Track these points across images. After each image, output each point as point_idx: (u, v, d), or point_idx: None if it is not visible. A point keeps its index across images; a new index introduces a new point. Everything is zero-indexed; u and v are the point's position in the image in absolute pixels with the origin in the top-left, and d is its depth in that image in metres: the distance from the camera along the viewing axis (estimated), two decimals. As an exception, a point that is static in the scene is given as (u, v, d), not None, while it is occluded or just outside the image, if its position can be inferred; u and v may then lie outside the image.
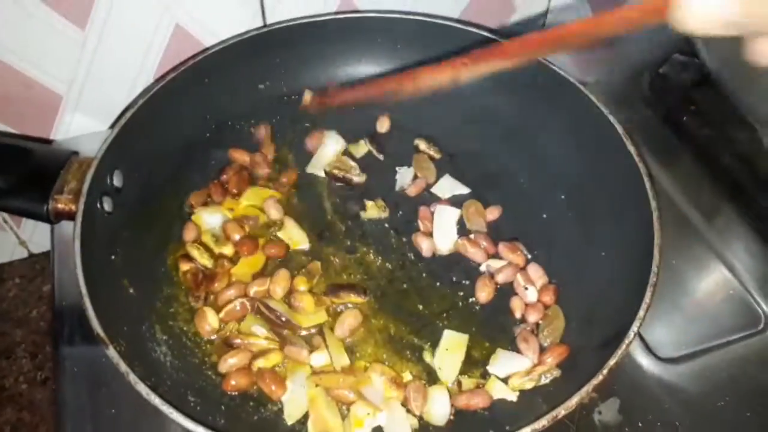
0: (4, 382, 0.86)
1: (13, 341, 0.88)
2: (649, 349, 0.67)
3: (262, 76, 0.74)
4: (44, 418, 0.86)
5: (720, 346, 0.67)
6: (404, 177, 0.73)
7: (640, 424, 0.62)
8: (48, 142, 0.80)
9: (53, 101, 0.77)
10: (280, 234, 0.66)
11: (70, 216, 0.59)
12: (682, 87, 0.89)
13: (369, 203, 0.70)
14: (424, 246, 0.66)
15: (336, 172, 0.72)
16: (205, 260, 0.62)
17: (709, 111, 0.87)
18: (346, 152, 0.74)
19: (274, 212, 0.67)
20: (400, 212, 0.70)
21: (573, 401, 0.47)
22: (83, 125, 0.81)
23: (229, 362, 0.56)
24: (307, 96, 0.74)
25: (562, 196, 0.69)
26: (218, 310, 0.59)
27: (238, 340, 0.58)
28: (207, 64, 0.69)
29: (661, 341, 0.67)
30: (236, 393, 0.56)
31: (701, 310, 0.71)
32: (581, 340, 0.59)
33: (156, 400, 0.46)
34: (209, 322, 0.58)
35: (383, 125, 0.76)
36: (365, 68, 0.77)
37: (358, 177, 0.71)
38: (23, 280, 0.93)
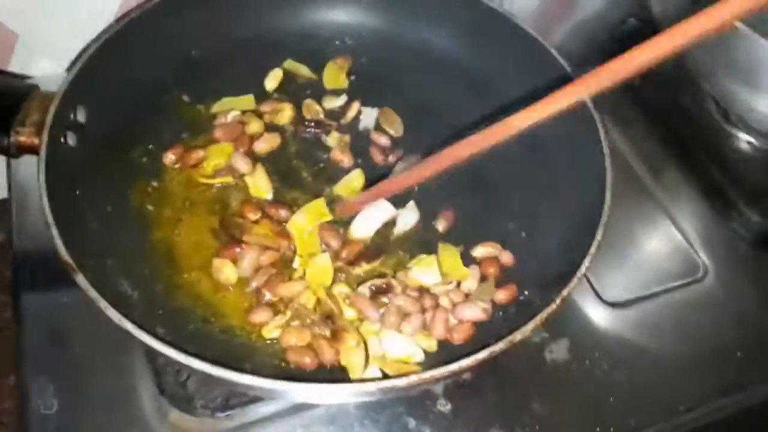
0: (-45, 333, 0.84)
1: (-37, 292, 0.87)
2: (597, 294, 0.71)
3: (231, 17, 0.74)
4: (1, 368, 0.84)
5: (663, 293, 0.72)
6: (368, 117, 0.74)
7: (587, 362, 0.66)
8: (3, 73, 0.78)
9: (8, 39, 0.75)
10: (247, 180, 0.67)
11: (32, 149, 0.58)
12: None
13: (333, 134, 0.71)
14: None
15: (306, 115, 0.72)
16: None
17: (660, 74, 0.91)
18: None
19: (243, 166, 0.67)
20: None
21: (529, 327, 0.50)
22: (40, 66, 0.79)
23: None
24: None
25: (519, 145, 0.71)
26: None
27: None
28: (171, 2, 0.68)
29: (608, 287, 0.71)
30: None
31: (646, 259, 0.75)
32: (535, 282, 0.62)
33: (128, 325, 0.46)
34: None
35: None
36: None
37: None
38: (-28, 228, 0.91)
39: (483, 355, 0.48)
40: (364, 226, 0.66)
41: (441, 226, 0.67)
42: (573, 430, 0.63)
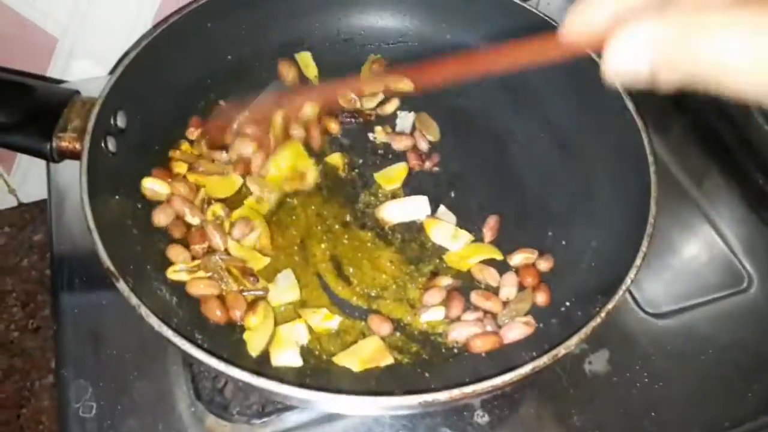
0: (-5, 329, 0.85)
1: (3, 290, 0.88)
2: (638, 304, 0.69)
3: (265, 23, 0.74)
4: (36, 365, 0.86)
5: (705, 303, 0.70)
6: (404, 121, 0.73)
7: (627, 374, 0.64)
8: (45, 80, 0.79)
9: (48, 43, 0.76)
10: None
11: (74, 155, 0.59)
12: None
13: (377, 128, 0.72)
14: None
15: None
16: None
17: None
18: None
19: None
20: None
21: (573, 341, 0.48)
22: (79, 70, 0.80)
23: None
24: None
25: (559, 152, 0.70)
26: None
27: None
28: (209, 8, 0.68)
29: (649, 297, 0.70)
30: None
31: (688, 269, 0.73)
32: (575, 292, 0.60)
33: (168, 332, 0.47)
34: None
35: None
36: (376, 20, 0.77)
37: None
38: (13, 229, 0.92)
39: (526, 369, 0.47)
40: (396, 212, 0.66)
41: (488, 235, 0.66)
42: (614, 445, 0.61)
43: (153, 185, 0.62)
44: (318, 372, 0.56)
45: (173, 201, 0.61)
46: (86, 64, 0.80)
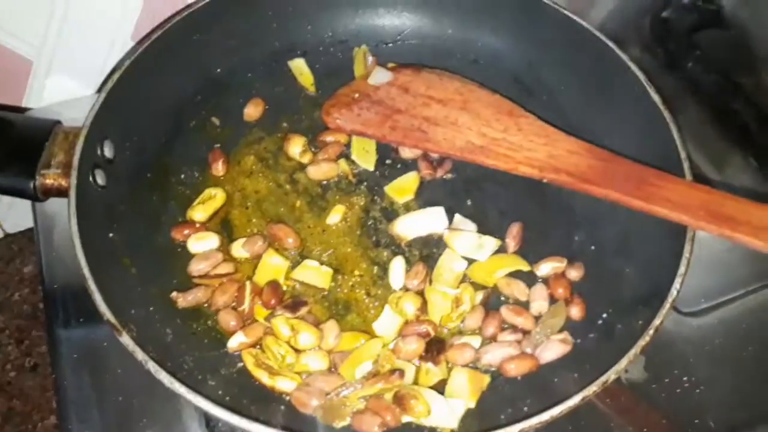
0: (-10, 370, 0.82)
1: (-5, 327, 0.84)
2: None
3: (253, 31, 0.69)
4: (37, 406, 0.82)
5: (740, 297, 0.66)
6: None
7: (666, 380, 0.61)
8: (21, 110, 0.74)
9: (23, 67, 0.71)
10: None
11: (60, 192, 0.54)
12: (686, 31, 0.86)
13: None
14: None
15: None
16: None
17: (715, 55, 0.85)
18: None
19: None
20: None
21: (623, 363, 0.45)
22: (57, 91, 0.75)
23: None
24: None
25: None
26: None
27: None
28: (193, 20, 0.63)
29: (682, 296, 0.65)
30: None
31: (718, 262, 0.69)
32: (610, 303, 0.56)
33: (181, 389, 0.42)
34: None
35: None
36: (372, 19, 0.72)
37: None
38: (1, 261, 0.88)
39: (575, 401, 0.43)
40: (412, 226, 0.62)
41: (511, 245, 0.61)
42: (659, 458, 0.58)
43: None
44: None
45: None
46: (64, 85, 0.75)
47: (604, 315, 0.56)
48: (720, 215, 0.50)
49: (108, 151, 0.57)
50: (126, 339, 0.44)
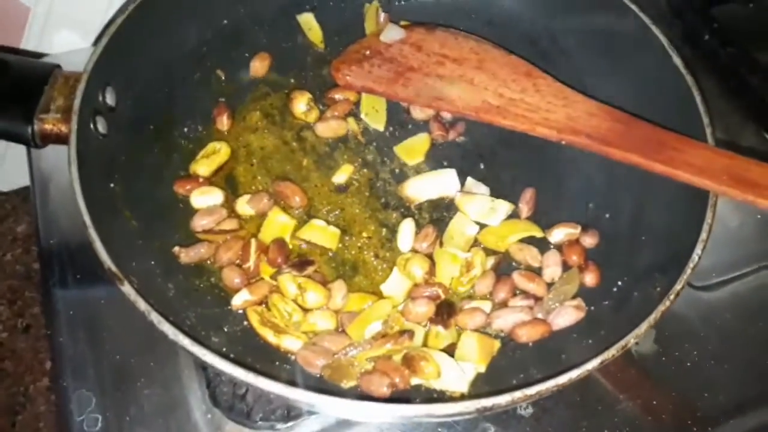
0: (-19, 332, 0.80)
1: (-13, 287, 0.82)
2: (682, 277, 0.64)
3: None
4: (29, 368, 0.81)
5: (751, 272, 0.65)
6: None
7: (677, 354, 0.60)
8: (19, 53, 0.72)
9: (20, 13, 0.68)
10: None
11: (59, 138, 0.51)
12: (703, 4, 0.85)
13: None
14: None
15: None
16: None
17: (731, 29, 0.83)
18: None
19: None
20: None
21: (642, 328, 0.43)
22: (56, 41, 0.72)
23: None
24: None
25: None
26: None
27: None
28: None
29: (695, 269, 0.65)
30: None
31: (731, 235, 0.69)
32: (628, 269, 0.55)
33: (185, 341, 0.41)
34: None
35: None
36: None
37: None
38: (-7, 220, 0.86)
39: (593, 364, 0.42)
40: (422, 189, 0.60)
41: (524, 210, 0.60)
42: (667, 431, 0.57)
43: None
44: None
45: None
46: (64, 35, 0.72)
47: (620, 282, 0.54)
48: (744, 180, 0.48)
49: (110, 99, 0.54)
50: (127, 288, 0.42)
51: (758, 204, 0.47)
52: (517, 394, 0.40)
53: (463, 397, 0.47)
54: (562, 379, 0.41)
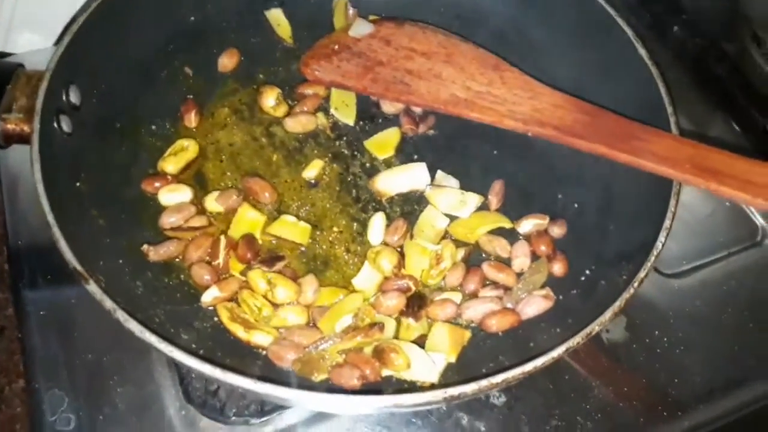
0: (-47, 334, 0.78)
1: (-43, 290, 0.80)
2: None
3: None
4: (4, 369, 0.79)
5: (720, 259, 0.67)
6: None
7: (647, 341, 0.61)
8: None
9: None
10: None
11: (22, 138, 0.51)
12: (671, -5, 0.86)
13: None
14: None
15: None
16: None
17: (700, 21, 0.85)
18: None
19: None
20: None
21: (607, 315, 0.44)
22: (20, 42, 0.71)
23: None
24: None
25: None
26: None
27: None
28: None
29: (663, 257, 0.63)
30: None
31: (701, 225, 0.70)
32: (593, 259, 0.56)
33: (152, 338, 0.41)
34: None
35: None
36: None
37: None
38: (-40, 221, 0.84)
39: (559, 351, 0.42)
40: (393, 182, 0.61)
41: (493, 202, 0.60)
42: (637, 417, 0.57)
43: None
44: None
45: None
46: (27, 36, 0.71)
47: (587, 271, 0.55)
48: (706, 168, 0.49)
49: (74, 97, 0.54)
50: (93, 287, 0.42)
51: (721, 192, 0.48)
52: (484, 383, 0.41)
53: (432, 387, 0.47)
54: (528, 366, 0.41)
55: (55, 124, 0.52)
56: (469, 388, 0.41)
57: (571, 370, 0.59)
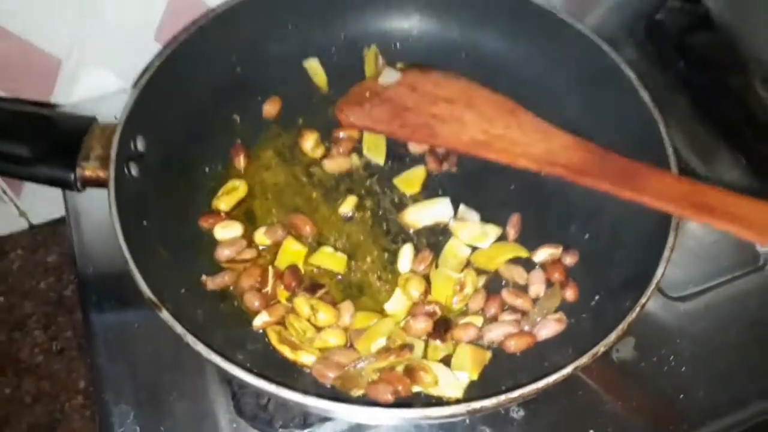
0: (20, 355, 0.86)
1: (23, 313, 0.88)
2: (659, 289, 0.69)
3: (271, 34, 0.73)
4: (64, 387, 0.87)
5: (724, 284, 0.71)
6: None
7: (654, 359, 0.66)
8: (49, 106, 0.79)
9: (52, 66, 0.75)
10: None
11: (98, 183, 0.58)
12: (678, 33, 0.91)
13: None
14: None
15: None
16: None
17: (705, 56, 0.89)
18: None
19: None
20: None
21: (611, 338, 0.50)
22: (83, 89, 0.79)
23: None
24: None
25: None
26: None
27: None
28: (217, 23, 0.68)
29: (670, 282, 0.70)
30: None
31: (705, 250, 0.74)
32: (604, 286, 0.61)
33: (216, 358, 0.47)
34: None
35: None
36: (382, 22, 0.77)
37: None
38: (26, 251, 0.92)
39: (568, 370, 0.48)
40: (420, 216, 0.67)
41: (511, 233, 0.66)
42: (646, 430, 0.62)
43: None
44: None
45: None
46: (92, 82, 0.79)
47: (597, 297, 0.60)
48: (701, 204, 0.54)
49: (140, 146, 0.61)
50: (165, 315, 0.49)
51: (714, 225, 0.54)
52: (502, 398, 0.47)
53: (456, 401, 0.53)
54: (541, 383, 0.47)
55: (125, 170, 0.59)
56: (489, 402, 0.47)
57: (585, 387, 0.64)
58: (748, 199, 0.54)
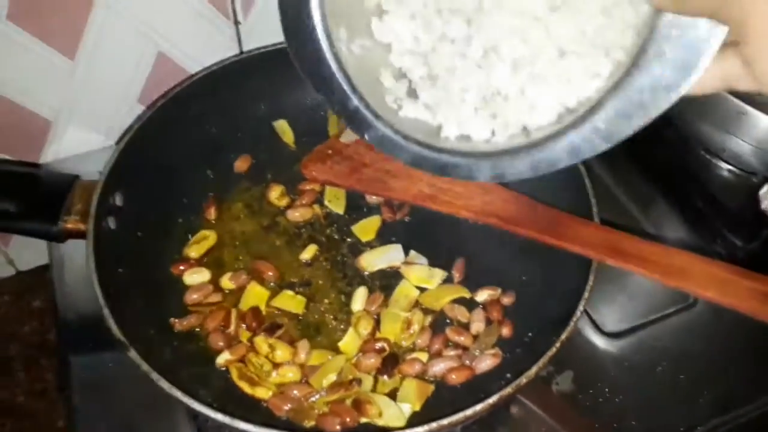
0: (2, 395, 0.89)
1: (7, 356, 0.92)
2: (596, 326, 0.76)
3: (244, 99, 0.80)
4: (45, 426, 0.90)
5: (656, 320, 0.77)
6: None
7: (591, 391, 0.71)
8: (35, 165, 0.85)
9: (42, 127, 0.82)
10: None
11: (79, 235, 0.65)
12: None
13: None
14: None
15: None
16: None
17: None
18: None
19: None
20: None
21: (533, 370, 0.55)
22: (70, 146, 0.85)
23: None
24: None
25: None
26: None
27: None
28: (194, 89, 0.75)
29: (605, 318, 0.76)
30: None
31: (640, 289, 0.80)
32: (535, 324, 0.67)
33: (178, 394, 0.53)
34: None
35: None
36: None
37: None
38: (12, 296, 0.96)
39: (494, 399, 0.54)
40: (375, 260, 0.74)
41: (456, 276, 0.73)
42: (585, 456, 0.68)
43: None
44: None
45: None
46: (77, 140, 0.85)
47: (530, 333, 0.67)
48: (617, 250, 0.61)
49: (119, 201, 0.68)
50: (133, 354, 0.55)
51: (626, 268, 0.60)
52: (433, 425, 0.52)
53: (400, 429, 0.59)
54: (469, 411, 0.53)
55: (104, 223, 0.65)
56: (422, 429, 0.52)
57: (525, 418, 0.68)
58: (657, 246, 0.61)
